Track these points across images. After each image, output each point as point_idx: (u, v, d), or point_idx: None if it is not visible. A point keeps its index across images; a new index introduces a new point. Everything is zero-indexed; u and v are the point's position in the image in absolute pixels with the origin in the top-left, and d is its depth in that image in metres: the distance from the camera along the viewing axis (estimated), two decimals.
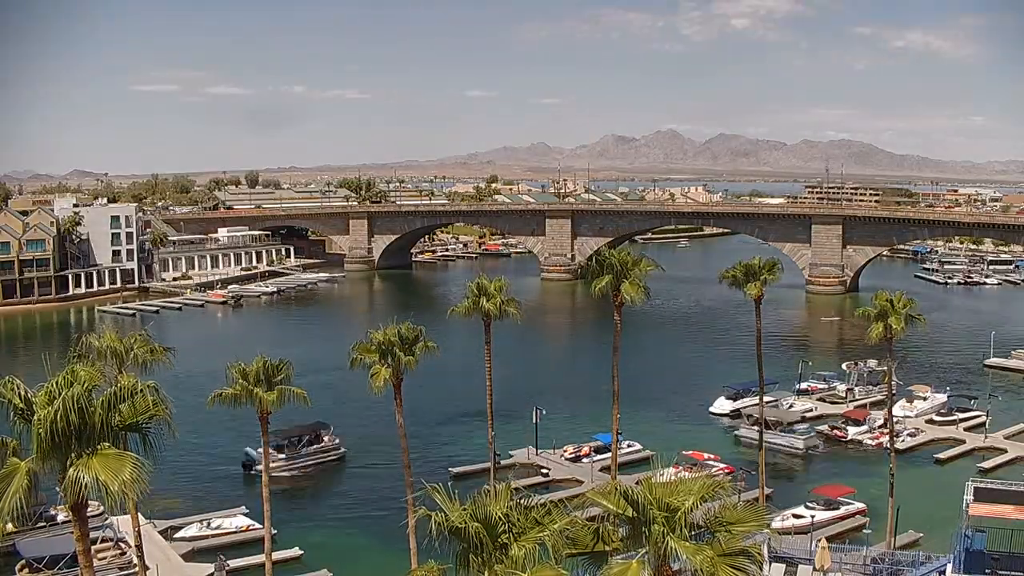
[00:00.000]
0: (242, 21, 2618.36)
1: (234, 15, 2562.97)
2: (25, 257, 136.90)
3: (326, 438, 65.99)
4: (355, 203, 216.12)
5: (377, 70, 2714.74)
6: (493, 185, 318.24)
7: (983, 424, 71.10)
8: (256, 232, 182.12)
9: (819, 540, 45.47)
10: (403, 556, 42.94)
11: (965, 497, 38.60)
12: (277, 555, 45.29)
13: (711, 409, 77.90)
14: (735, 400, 77.05)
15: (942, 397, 77.70)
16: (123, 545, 47.27)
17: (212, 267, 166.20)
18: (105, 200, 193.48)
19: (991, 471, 60.91)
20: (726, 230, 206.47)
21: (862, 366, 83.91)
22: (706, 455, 62.31)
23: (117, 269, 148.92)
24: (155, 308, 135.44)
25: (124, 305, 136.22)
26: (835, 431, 70.29)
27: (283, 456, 62.97)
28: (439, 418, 75.77)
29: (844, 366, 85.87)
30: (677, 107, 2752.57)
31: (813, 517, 51.52)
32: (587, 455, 63.93)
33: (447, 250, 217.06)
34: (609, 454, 56.60)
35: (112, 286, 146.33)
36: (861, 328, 56.62)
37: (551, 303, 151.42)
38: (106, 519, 48.42)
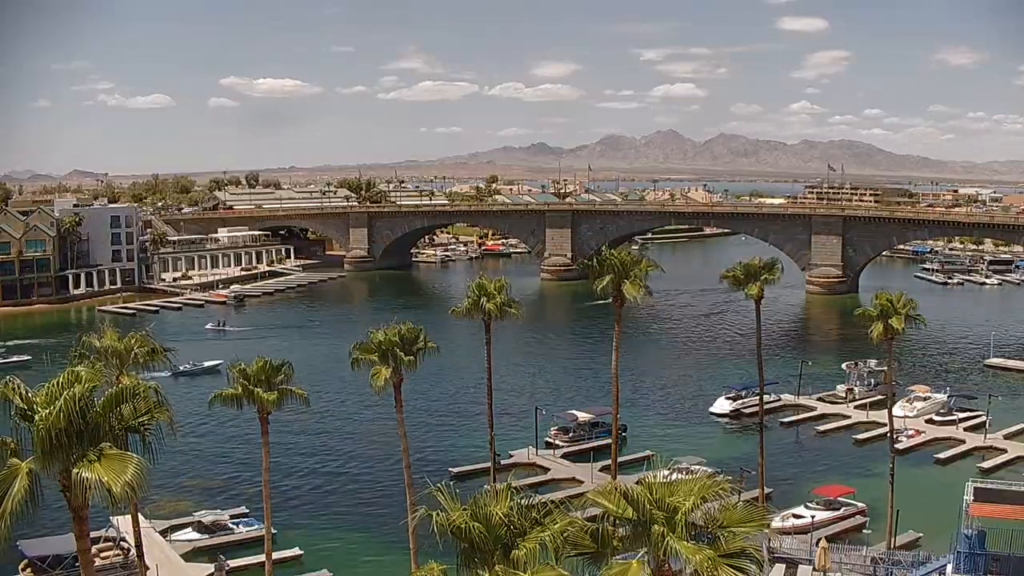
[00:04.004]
0: (241, 21, 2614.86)
1: (234, 15, 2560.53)
2: (25, 257, 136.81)
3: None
4: (355, 203, 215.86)
5: (378, 69, 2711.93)
6: (493, 185, 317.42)
7: (983, 424, 71.11)
8: (256, 232, 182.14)
9: (819, 540, 45.55)
10: (403, 556, 42.96)
11: (965, 497, 38.59)
12: (277, 555, 45.28)
13: (711, 409, 77.85)
14: (735, 400, 77.13)
15: (942, 397, 77.68)
16: (124, 545, 47.21)
17: (212, 267, 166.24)
18: (105, 200, 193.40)
19: (991, 471, 60.88)
20: (726, 230, 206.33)
21: (862, 366, 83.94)
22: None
23: (117, 269, 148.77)
24: (155, 308, 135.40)
25: (124, 305, 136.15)
26: None
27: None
28: (439, 418, 75.86)
29: (844, 366, 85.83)
30: (677, 107, 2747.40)
31: (813, 517, 51.47)
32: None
33: (447, 250, 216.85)
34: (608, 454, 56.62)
35: (112, 286, 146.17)
36: (861, 328, 56.45)
37: (551, 303, 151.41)
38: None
